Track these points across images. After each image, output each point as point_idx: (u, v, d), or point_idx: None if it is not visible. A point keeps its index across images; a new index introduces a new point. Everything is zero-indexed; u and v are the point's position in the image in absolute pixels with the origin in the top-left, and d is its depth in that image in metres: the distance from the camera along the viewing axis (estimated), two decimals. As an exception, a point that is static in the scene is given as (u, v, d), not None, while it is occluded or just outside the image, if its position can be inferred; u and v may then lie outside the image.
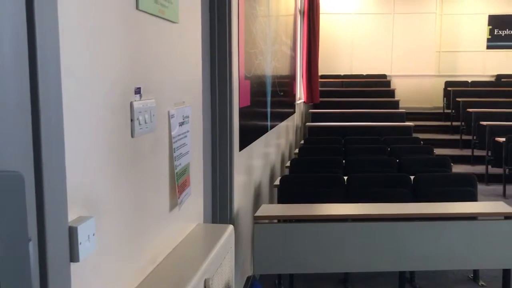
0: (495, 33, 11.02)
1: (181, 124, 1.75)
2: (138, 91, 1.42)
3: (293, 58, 6.56)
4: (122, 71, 1.32)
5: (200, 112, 2.11)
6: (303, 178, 4.07)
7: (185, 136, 1.80)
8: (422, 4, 10.76)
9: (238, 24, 2.88)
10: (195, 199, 2.02)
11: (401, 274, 3.50)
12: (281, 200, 3.85)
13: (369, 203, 3.45)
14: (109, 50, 1.25)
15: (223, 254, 1.82)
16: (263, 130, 4.04)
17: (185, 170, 1.80)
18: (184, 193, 1.79)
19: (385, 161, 4.80)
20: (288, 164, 4.75)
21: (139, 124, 1.40)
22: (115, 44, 1.28)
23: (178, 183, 1.71)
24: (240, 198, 3.08)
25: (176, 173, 1.69)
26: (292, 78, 6.44)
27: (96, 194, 1.19)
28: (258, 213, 3.19)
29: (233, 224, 2.77)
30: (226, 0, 2.61)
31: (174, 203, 1.71)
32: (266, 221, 3.23)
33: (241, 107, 3.00)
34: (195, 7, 2.03)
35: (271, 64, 4.38)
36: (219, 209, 2.70)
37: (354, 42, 10.98)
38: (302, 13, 7.85)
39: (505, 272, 3.31)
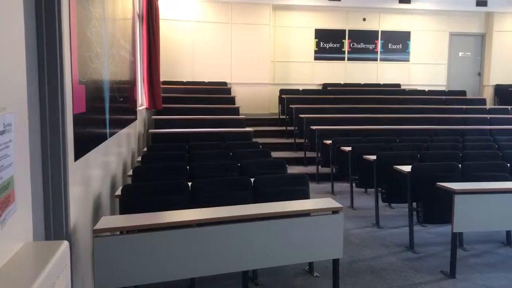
0: (321, 46, 12.23)
1: (2, 133, 1.57)
2: None
3: (133, 63, 6.38)
4: None
5: (26, 119, 1.91)
6: (146, 187, 3.96)
7: (7, 147, 1.61)
8: (257, 15, 11.42)
9: (69, 26, 2.69)
10: (22, 216, 1.82)
11: (244, 273, 3.64)
12: (123, 211, 3.69)
13: (213, 207, 3.51)
14: None
15: (57, 273, 1.68)
16: (101, 138, 3.84)
17: (8, 184, 1.62)
18: (8, 210, 1.61)
19: (228, 165, 4.95)
20: (130, 173, 4.59)
21: None
22: None
23: (-1, 199, 1.53)
24: (78, 212, 2.88)
25: (-3, 188, 1.51)
26: (132, 83, 6.25)
27: None
28: (98, 226, 3.01)
29: (70, 240, 2.58)
30: (55, 0, 2.42)
31: (-5, 222, 1.53)
32: (108, 233, 3.07)
33: (76, 113, 2.81)
34: (16, 6, 1.84)
35: (109, 69, 4.19)
36: (53, 225, 2.48)
37: (195, 50, 11.16)
38: (141, 17, 7.69)
39: (335, 261, 3.65)
